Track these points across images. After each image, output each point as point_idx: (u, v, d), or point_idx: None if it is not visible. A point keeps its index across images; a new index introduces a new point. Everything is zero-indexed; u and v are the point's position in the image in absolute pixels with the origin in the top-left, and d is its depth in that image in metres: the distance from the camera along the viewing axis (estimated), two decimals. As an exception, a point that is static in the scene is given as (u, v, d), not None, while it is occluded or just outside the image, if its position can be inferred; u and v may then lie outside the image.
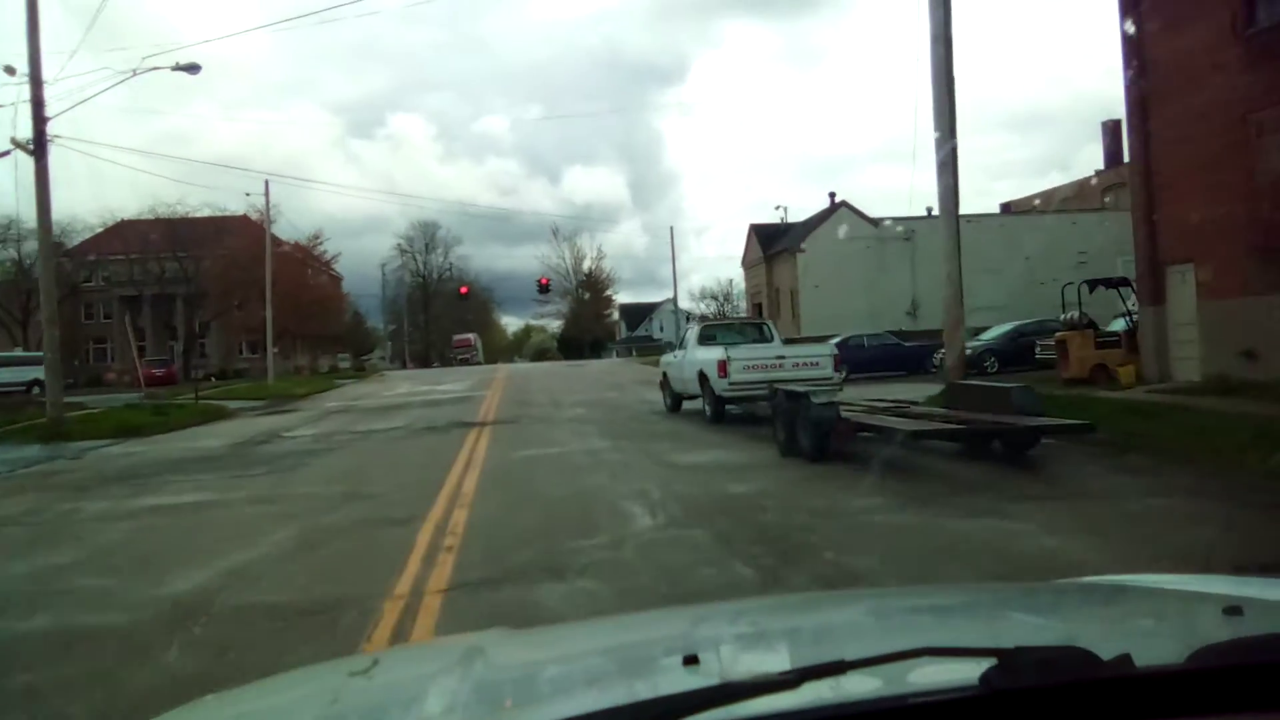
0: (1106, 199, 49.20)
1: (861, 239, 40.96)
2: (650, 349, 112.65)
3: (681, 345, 19.30)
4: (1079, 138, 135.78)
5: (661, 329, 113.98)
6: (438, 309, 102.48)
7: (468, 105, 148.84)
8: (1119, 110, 22.28)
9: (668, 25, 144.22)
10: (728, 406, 16.29)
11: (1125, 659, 1.11)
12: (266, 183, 36.74)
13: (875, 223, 41.27)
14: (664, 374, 20.32)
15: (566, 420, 18.68)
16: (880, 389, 18.64)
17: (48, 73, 20.81)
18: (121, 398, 31.70)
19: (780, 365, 15.65)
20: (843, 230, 40.35)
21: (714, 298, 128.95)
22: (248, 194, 38.62)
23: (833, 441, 10.48)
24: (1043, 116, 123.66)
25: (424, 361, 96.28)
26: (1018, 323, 27.71)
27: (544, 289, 60.47)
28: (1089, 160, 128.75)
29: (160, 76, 22.22)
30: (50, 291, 21.76)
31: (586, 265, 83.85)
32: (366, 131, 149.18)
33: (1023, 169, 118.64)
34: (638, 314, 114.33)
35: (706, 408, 16.68)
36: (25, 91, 20.76)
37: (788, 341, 20.09)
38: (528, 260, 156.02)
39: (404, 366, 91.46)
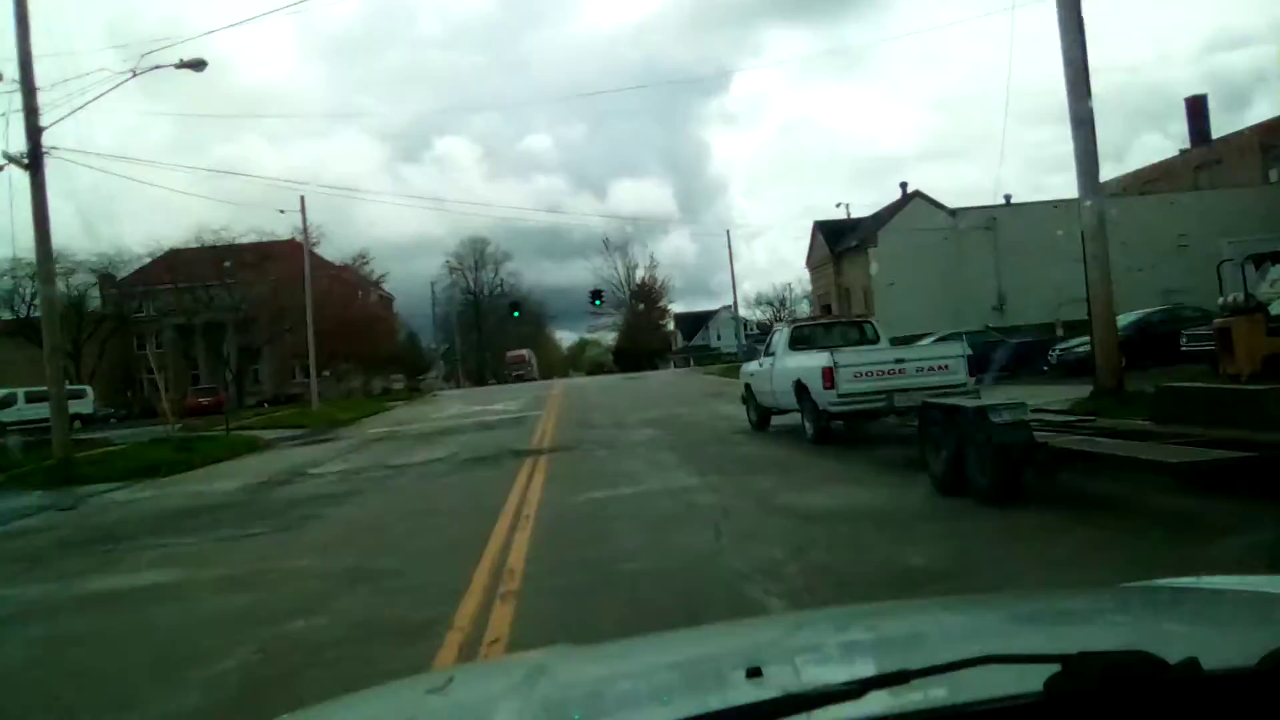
0: (1200, 178, 45.05)
1: (938, 230, 37.54)
2: (708, 358, 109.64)
3: (768, 351, 16.24)
4: (1131, 126, 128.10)
5: (719, 337, 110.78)
6: (490, 326, 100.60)
7: (512, 124, 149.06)
8: (1164, 95, 18.62)
9: (706, 34, 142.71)
10: (834, 423, 13.27)
11: (1192, 663, 1.08)
12: (302, 198, 34.69)
13: (952, 213, 37.79)
14: (746, 386, 17.33)
15: (636, 445, 15.72)
16: (997, 394, 15.35)
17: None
18: (159, 430, 29.59)
19: (900, 371, 12.58)
20: (918, 220, 36.97)
21: (769, 303, 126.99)
22: (282, 211, 36.72)
23: (1028, 476, 7.40)
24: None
25: (479, 379, 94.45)
26: (1144, 311, 24.06)
27: (597, 300, 57.74)
28: (1143, 149, 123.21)
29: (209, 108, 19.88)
30: (52, 321, 19.52)
31: (640, 275, 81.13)
32: (413, 155, 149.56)
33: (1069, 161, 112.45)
34: (694, 323, 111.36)
35: (807, 425, 13.64)
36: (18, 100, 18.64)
37: (897, 342, 16.90)
38: (579, 274, 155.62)
39: (457, 385, 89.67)
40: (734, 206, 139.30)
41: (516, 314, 62.74)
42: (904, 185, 40.54)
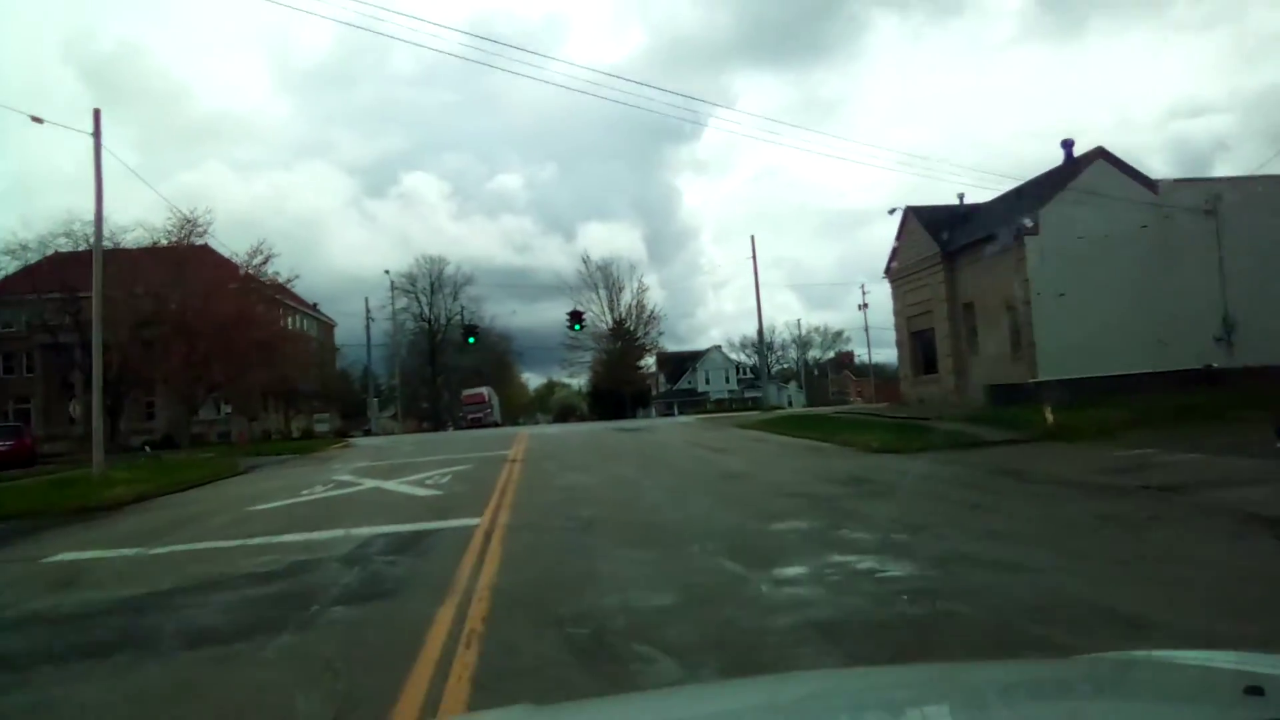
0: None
1: (1131, 206, 23.58)
2: (691, 404, 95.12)
3: None
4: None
5: (708, 380, 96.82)
6: (447, 359, 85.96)
7: (482, 164, 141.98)
8: None
9: (682, 79, 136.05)
10: None
11: None
12: (97, 112, 20.10)
13: (1153, 185, 24.08)
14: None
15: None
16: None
17: None
18: None
19: None
20: (1100, 195, 23.08)
21: (754, 346, 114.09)
22: (38, 119, 22.58)
23: None
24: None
25: (433, 422, 79.65)
26: None
27: (576, 325, 43.52)
28: None
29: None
30: None
31: (625, 301, 66.89)
32: (379, 191, 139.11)
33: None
34: (678, 365, 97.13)
35: None
36: None
37: None
38: (548, 314, 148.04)
39: (397, 429, 74.79)
40: (703, 253, 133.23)
41: (472, 340, 48.20)
42: (1069, 144, 26.56)
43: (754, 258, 39.17)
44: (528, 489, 13.72)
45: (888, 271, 32.38)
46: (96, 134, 20.43)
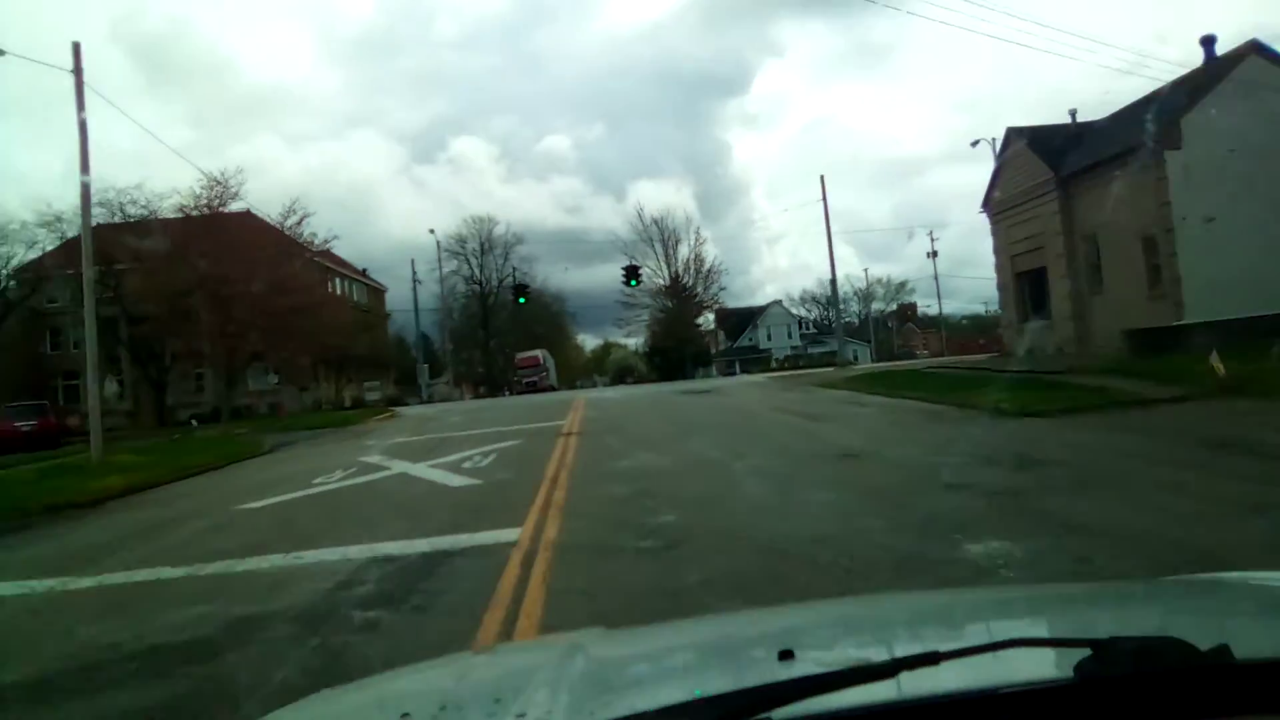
0: None
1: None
2: (755, 360, 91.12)
3: None
4: None
5: (769, 337, 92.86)
6: (501, 324, 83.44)
7: (530, 127, 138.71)
8: None
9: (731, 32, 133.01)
10: None
11: (1224, 650, 1.06)
12: (76, 45, 17.29)
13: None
14: None
15: None
16: None
17: None
18: None
19: None
20: (1255, 95, 18.98)
21: (815, 300, 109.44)
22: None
23: None
24: None
25: (489, 387, 77.36)
26: None
27: (633, 281, 40.39)
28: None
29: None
30: None
31: (682, 255, 63.23)
32: (429, 157, 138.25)
33: None
34: (738, 321, 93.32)
35: None
36: None
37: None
38: (601, 278, 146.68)
39: (453, 396, 72.65)
40: (755, 208, 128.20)
41: (523, 300, 45.26)
42: (1210, 41, 22.28)
43: (824, 199, 35.48)
44: (584, 478, 10.66)
45: (986, 204, 28.31)
46: (77, 70, 17.65)
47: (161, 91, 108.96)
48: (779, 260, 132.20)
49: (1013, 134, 26.65)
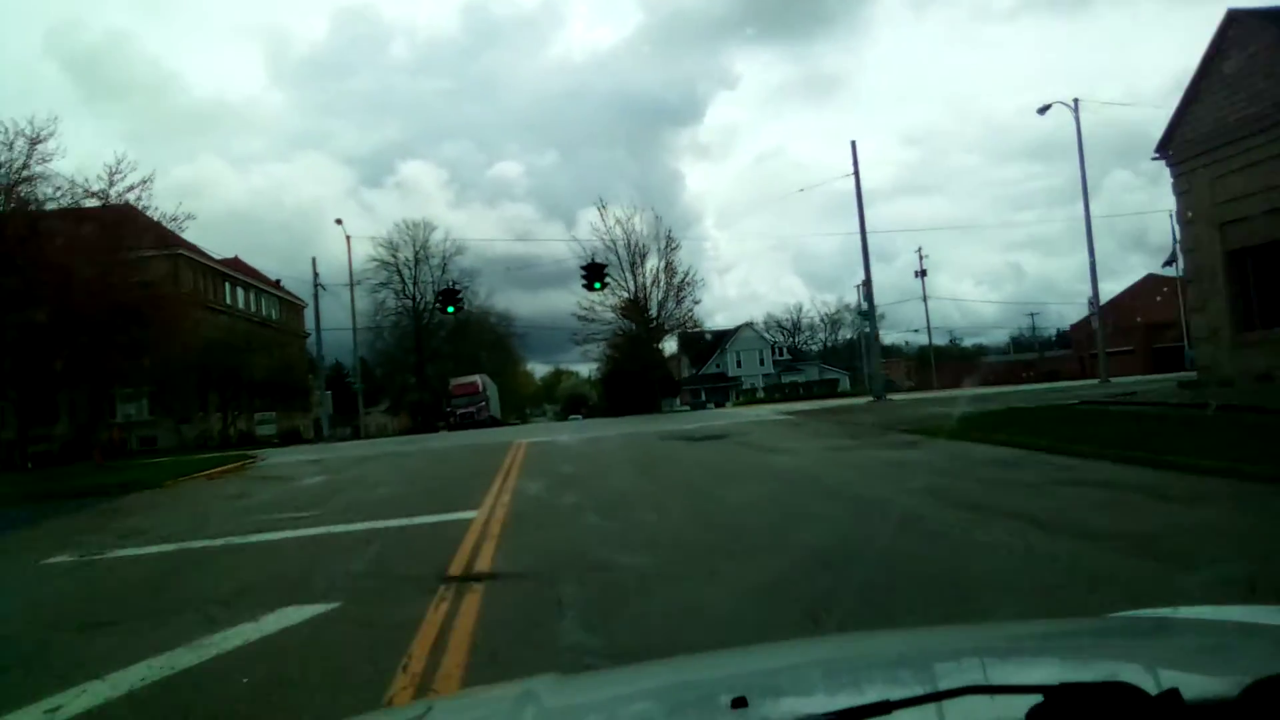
0: None
1: None
2: (721, 388, 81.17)
3: None
4: None
5: (739, 363, 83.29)
6: (437, 345, 72.87)
7: (481, 153, 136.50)
8: None
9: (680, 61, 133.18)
10: None
11: (1173, 694, 1.06)
12: None
13: None
14: None
15: None
16: None
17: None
18: None
19: None
20: None
21: (781, 326, 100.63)
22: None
23: None
24: None
25: (425, 417, 66.48)
26: None
27: (596, 278, 30.51)
28: None
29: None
30: None
31: (651, 266, 53.29)
32: (377, 181, 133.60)
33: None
34: (703, 347, 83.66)
35: None
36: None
37: None
38: (551, 305, 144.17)
39: (391, 427, 61.84)
40: (707, 237, 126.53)
41: (451, 309, 34.77)
42: None
43: (855, 168, 25.96)
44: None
45: (1165, 147, 18.35)
46: None
47: (99, 107, 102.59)
48: (728, 290, 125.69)
49: (1244, 22, 17.01)
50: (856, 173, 26.55)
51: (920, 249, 69.45)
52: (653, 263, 52.93)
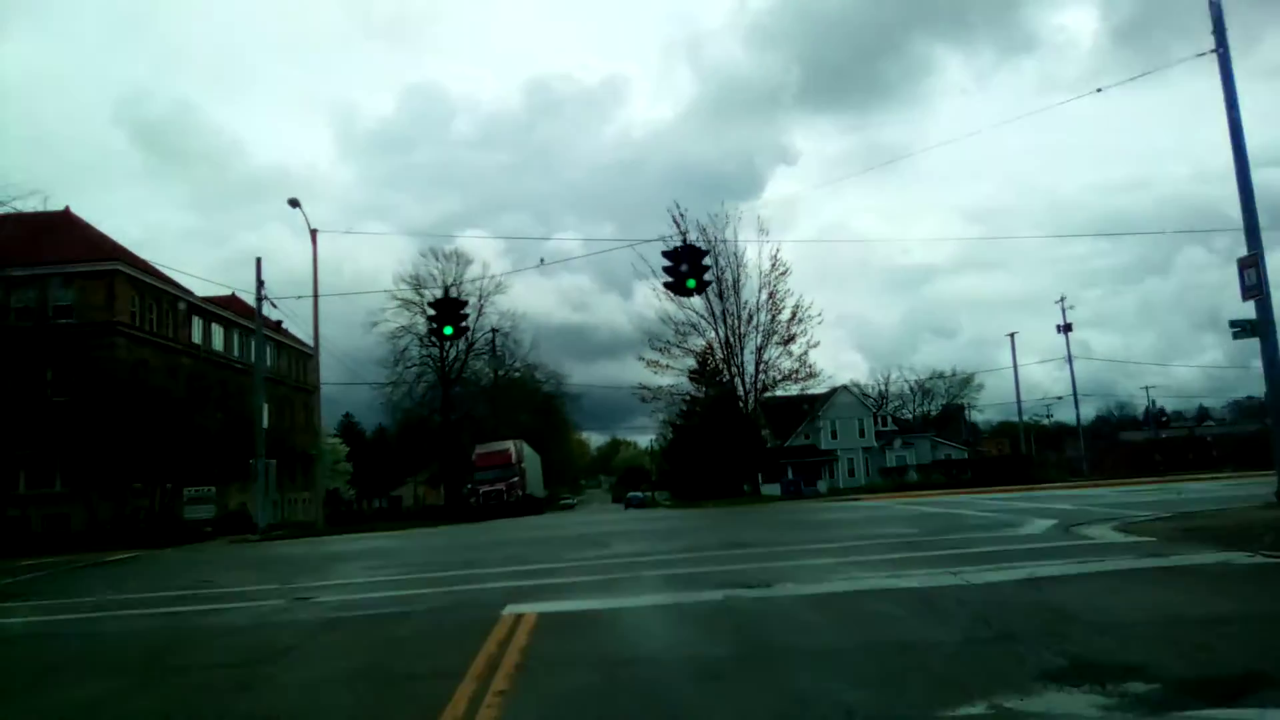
0: None
1: None
2: (811, 467, 65.68)
3: None
4: None
5: (835, 434, 68.27)
6: (470, 402, 59.84)
7: (540, 224, 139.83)
8: None
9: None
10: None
11: None
12: None
13: None
14: None
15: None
16: None
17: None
18: None
19: None
20: None
21: (864, 394, 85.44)
22: None
23: None
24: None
25: (451, 496, 52.71)
26: None
27: (693, 274, 16.82)
28: None
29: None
30: None
31: (751, 294, 39.40)
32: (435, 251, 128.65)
33: None
34: (787, 414, 68.84)
35: None
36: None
37: None
38: (610, 373, 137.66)
39: (356, 504, 48.23)
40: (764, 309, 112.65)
41: (449, 329, 21.36)
42: None
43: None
44: None
45: None
46: None
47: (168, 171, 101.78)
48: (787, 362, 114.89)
49: None
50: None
51: (1063, 298, 54.79)
52: (749, 294, 39.06)
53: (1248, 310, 14.19)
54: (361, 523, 39.83)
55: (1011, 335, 54.48)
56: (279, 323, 56.66)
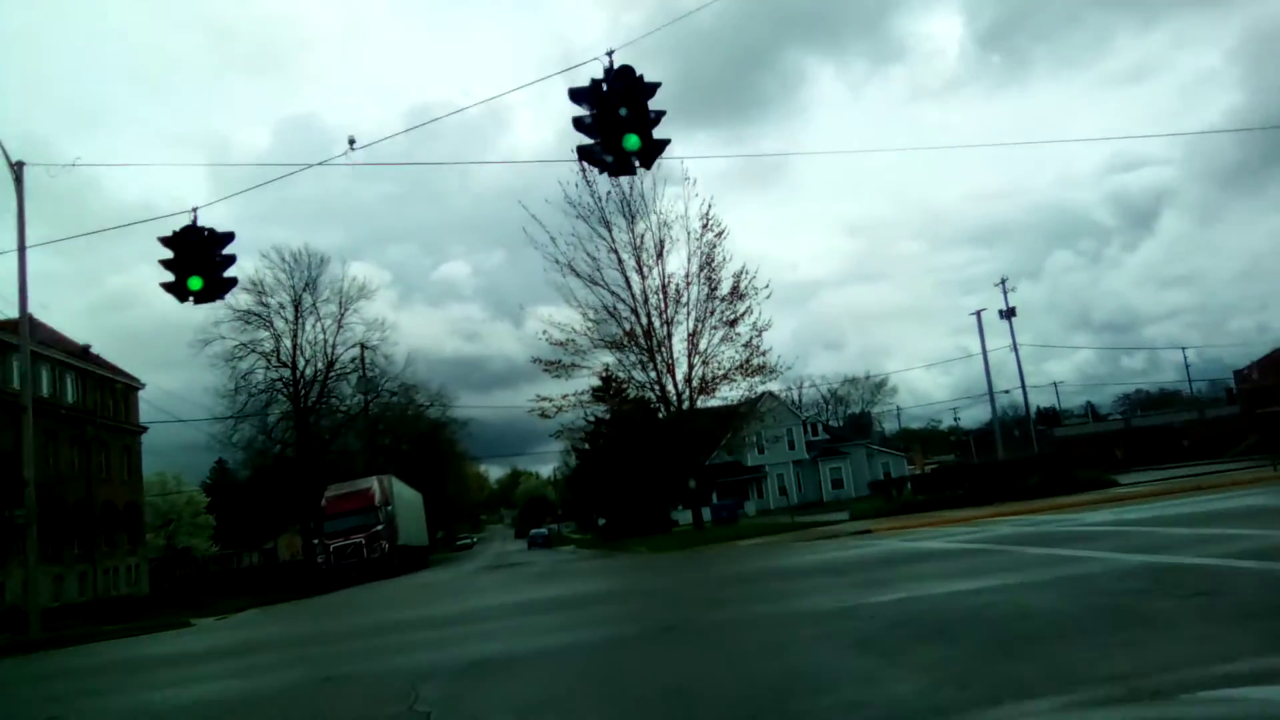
0: None
1: None
2: (737, 485, 55.59)
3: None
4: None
5: (761, 449, 59.51)
6: (341, 438, 48.82)
7: (427, 255, 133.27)
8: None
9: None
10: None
11: None
12: None
13: None
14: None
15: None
16: None
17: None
18: None
19: None
20: None
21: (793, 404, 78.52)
22: None
23: None
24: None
25: (309, 549, 41.71)
26: None
27: (629, 139, 7.64)
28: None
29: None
30: None
31: (679, 259, 30.64)
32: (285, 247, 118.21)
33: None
34: (706, 427, 59.92)
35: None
36: None
37: None
38: (502, 402, 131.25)
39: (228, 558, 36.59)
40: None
41: (197, 283, 11.57)
42: None
43: None
44: None
45: None
46: None
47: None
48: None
49: None
50: None
51: (1005, 280, 48.02)
52: (677, 263, 30.24)
53: None
54: (178, 597, 28.89)
55: (978, 314, 47.41)
56: (86, 347, 45.03)
